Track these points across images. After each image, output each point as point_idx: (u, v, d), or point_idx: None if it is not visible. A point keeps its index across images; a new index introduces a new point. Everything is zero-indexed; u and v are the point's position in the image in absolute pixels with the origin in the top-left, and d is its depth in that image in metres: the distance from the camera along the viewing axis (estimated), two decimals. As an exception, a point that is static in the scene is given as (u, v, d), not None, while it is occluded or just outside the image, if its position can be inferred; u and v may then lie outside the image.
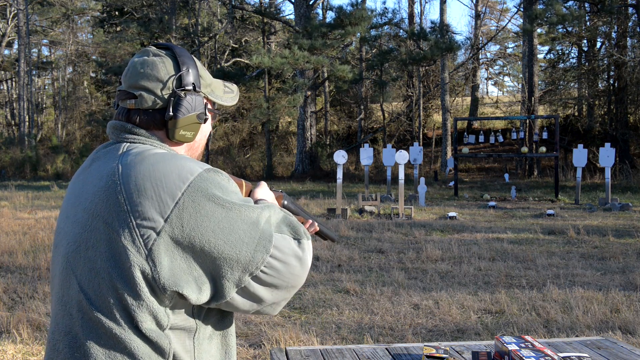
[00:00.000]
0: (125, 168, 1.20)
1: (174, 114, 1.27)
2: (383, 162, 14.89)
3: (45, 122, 31.16)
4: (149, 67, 1.28)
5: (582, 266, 6.77)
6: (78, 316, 1.19)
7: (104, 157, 1.27)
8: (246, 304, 1.22)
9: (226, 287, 1.18)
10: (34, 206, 12.84)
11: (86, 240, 1.19)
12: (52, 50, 34.02)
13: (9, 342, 4.31)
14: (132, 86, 1.29)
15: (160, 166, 1.19)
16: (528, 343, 2.00)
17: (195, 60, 1.34)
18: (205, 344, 1.26)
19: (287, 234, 1.24)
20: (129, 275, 1.14)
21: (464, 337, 4.35)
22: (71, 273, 1.21)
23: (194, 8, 24.01)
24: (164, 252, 1.14)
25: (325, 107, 26.48)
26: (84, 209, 1.22)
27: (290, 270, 1.23)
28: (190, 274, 1.15)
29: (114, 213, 1.16)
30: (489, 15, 30.55)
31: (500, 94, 37.80)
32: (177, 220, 1.14)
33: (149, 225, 1.14)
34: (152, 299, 1.15)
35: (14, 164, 23.40)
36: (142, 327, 1.16)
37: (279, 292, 1.25)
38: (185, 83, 1.29)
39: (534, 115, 18.32)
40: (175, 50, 1.32)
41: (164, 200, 1.15)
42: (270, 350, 2.29)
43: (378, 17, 20.90)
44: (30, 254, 7.43)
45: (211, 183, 1.19)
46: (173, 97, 1.28)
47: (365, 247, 8.05)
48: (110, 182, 1.19)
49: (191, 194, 1.16)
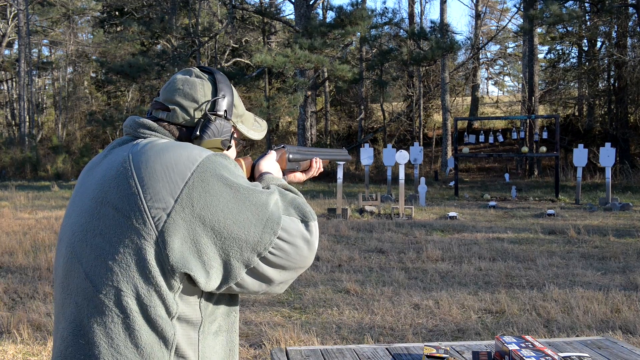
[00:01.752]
0: (136, 155, 1.23)
1: (200, 134, 1.32)
2: (383, 162, 14.89)
3: (45, 122, 31.15)
4: (188, 86, 1.34)
5: (583, 266, 6.76)
6: (83, 304, 1.19)
7: (118, 151, 1.29)
8: (255, 284, 1.24)
9: (235, 267, 1.19)
10: (34, 206, 12.84)
11: (94, 228, 1.21)
12: (52, 50, 34.02)
13: (9, 342, 4.31)
14: (168, 100, 1.34)
15: (170, 151, 1.22)
16: (528, 343, 2.00)
17: (233, 90, 1.40)
18: (210, 339, 1.26)
19: (295, 216, 1.27)
20: (139, 259, 1.15)
21: (465, 337, 4.35)
22: (76, 262, 1.22)
23: (194, 8, 24.00)
24: (174, 233, 1.15)
25: (326, 107, 26.48)
26: (91, 198, 1.24)
27: (297, 252, 1.25)
28: (200, 256, 1.16)
29: (124, 197, 1.18)
30: (489, 15, 30.54)
31: (500, 94, 37.82)
32: (187, 199, 1.16)
33: (160, 206, 1.16)
34: (162, 283, 1.16)
35: (14, 164, 23.40)
36: (150, 312, 1.16)
37: (287, 273, 1.27)
38: (218, 108, 1.35)
39: (534, 115, 18.32)
40: (217, 76, 1.38)
41: (174, 180, 1.17)
42: (270, 350, 2.29)
43: (378, 17, 20.90)
44: (30, 254, 7.43)
45: (220, 165, 1.22)
46: (203, 119, 1.33)
47: (366, 247, 8.05)
48: (121, 168, 1.22)
49: (200, 174, 1.18)
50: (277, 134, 27.00)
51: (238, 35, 26.00)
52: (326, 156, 1.77)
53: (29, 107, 27.38)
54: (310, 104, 21.89)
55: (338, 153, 1.83)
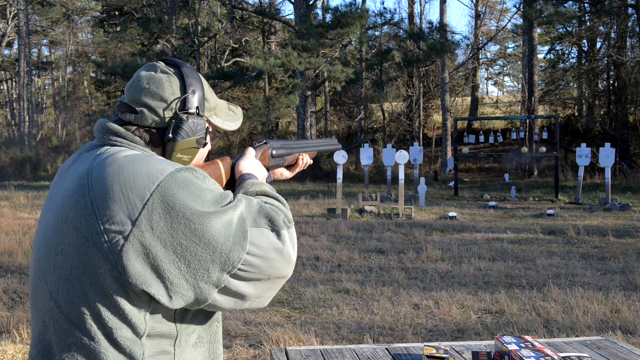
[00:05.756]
0: (95, 170, 1.15)
1: (173, 136, 1.24)
2: (383, 162, 14.88)
3: (45, 122, 31.15)
4: (154, 84, 1.24)
5: (582, 266, 6.76)
6: (50, 324, 1.15)
7: (83, 159, 1.23)
8: (230, 302, 1.17)
9: (205, 289, 1.12)
10: (34, 206, 12.84)
11: (56, 246, 1.15)
12: (52, 50, 34.02)
13: (9, 342, 4.31)
14: (134, 100, 1.25)
15: (130, 167, 1.13)
16: (528, 343, 2.00)
17: (202, 82, 1.30)
18: (189, 351, 1.21)
19: (264, 226, 1.18)
20: (100, 282, 1.10)
21: (464, 337, 4.35)
22: (42, 279, 1.17)
23: (193, 8, 23.99)
24: (133, 258, 1.08)
25: (325, 107, 26.48)
26: (54, 213, 1.18)
27: (270, 264, 1.17)
28: (163, 281, 1.10)
29: (82, 218, 1.12)
30: (489, 15, 30.55)
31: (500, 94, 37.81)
32: (146, 222, 1.09)
33: (117, 229, 1.08)
34: (125, 304, 1.11)
35: (14, 164, 23.39)
36: (115, 334, 1.11)
37: (263, 285, 1.19)
38: (189, 106, 1.25)
39: (534, 115, 18.32)
40: (184, 69, 1.28)
41: (132, 202, 1.09)
42: (270, 350, 2.29)
43: (378, 17, 20.88)
44: (30, 254, 7.43)
45: (183, 182, 1.13)
46: (175, 120, 1.24)
47: (366, 247, 8.04)
48: (80, 184, 1.15)
49: (161, 194, 1.10)
50: (276, 134, 27.01)
51: (238, 35, 26.00)
52: (314, 148, 1.66)
53: (28, 106, 27.37)
54: (310, 104, 21.89)
55: (327, 143, 1.72)
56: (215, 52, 24.73)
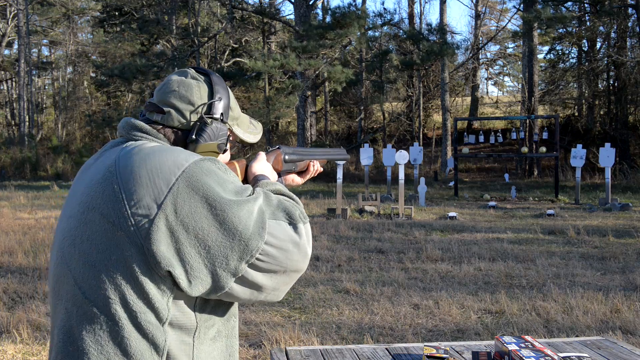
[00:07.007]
0: (122, 159, 1.20)
1: (196, 138, 1.30)
2: (383, 162, 14.88)
3: (45, 122, 31.14)
4: (184, 88, 1.31)
5: (582, 266, 6.76)
6: (73, 310, 1.18)
7: (109, 153, 1.28)
8: (246, 292, 1.20)
9: (223, 277, 1.16)
10: (34, 206, 12.83)
11: (81, 234, 1.19)
12: (52, 50, 34.02)
13: (9, 342, 4.31)
14: (162, 101, 1.31)
15: (156, 155, 1.18)
16: (528, 343, 2.00)
17: (229, 92, 1.38)
18: (207, 344, 1.24)
19: (282, 219, 1.22)
20: (126, 265, 1.13)
21: (464, 337, 4.35)
22: (66, 267, 1.20)
23: (193, 8, 23.99)
24: (159, 240, 1.12)
25: (325, 107, 26.48)
26: (79, 202, 1.22)
27: (287, 256, 1.21)
28: (183, 265, 1.13)
29: (109, 203, 1.16)
30: (489, 15, 30.56)
31: (500, 94, 37.84)
32: (170, 206, 1.13)
33: (143, 212, 1.13)
34: (151, 288, 1.14)
35: (14, 164, 23.38)
36: (139, 319, 1.14)
37: (279, 277, 1.23)
38: (214, 111, 1.33)
39: (534, 115, 18.31)
40: (213, 77, 1.35)
41: (158, 186, 1.14)
42: (270, 350, 2.29)
43: (377, 18, 20.86)
44: (30, 254, 7.43)
45: (206, 170, 1.18)
46: (199, 122, 1.31)
47: (365, 247, 8.04)
48: (107, 173, 1.20)
49: (185, 179, 1.15)
50: (276, 134, 27.01)
51: (238, 35, 25.99)
52: (324, 156, 1.72)
53: (28, 107, 27.37)
54: (310, 104, 21.89)
55: (336, 153, 1.79)
56: (215, 52, 24.72)
